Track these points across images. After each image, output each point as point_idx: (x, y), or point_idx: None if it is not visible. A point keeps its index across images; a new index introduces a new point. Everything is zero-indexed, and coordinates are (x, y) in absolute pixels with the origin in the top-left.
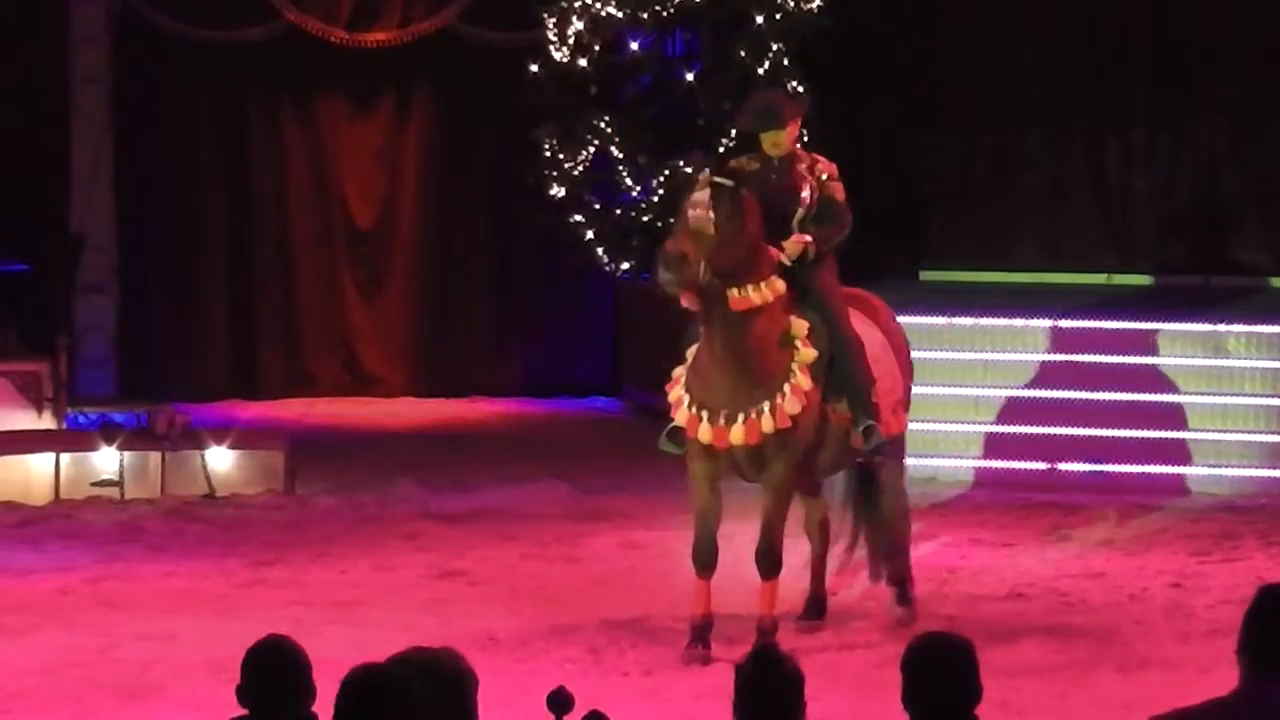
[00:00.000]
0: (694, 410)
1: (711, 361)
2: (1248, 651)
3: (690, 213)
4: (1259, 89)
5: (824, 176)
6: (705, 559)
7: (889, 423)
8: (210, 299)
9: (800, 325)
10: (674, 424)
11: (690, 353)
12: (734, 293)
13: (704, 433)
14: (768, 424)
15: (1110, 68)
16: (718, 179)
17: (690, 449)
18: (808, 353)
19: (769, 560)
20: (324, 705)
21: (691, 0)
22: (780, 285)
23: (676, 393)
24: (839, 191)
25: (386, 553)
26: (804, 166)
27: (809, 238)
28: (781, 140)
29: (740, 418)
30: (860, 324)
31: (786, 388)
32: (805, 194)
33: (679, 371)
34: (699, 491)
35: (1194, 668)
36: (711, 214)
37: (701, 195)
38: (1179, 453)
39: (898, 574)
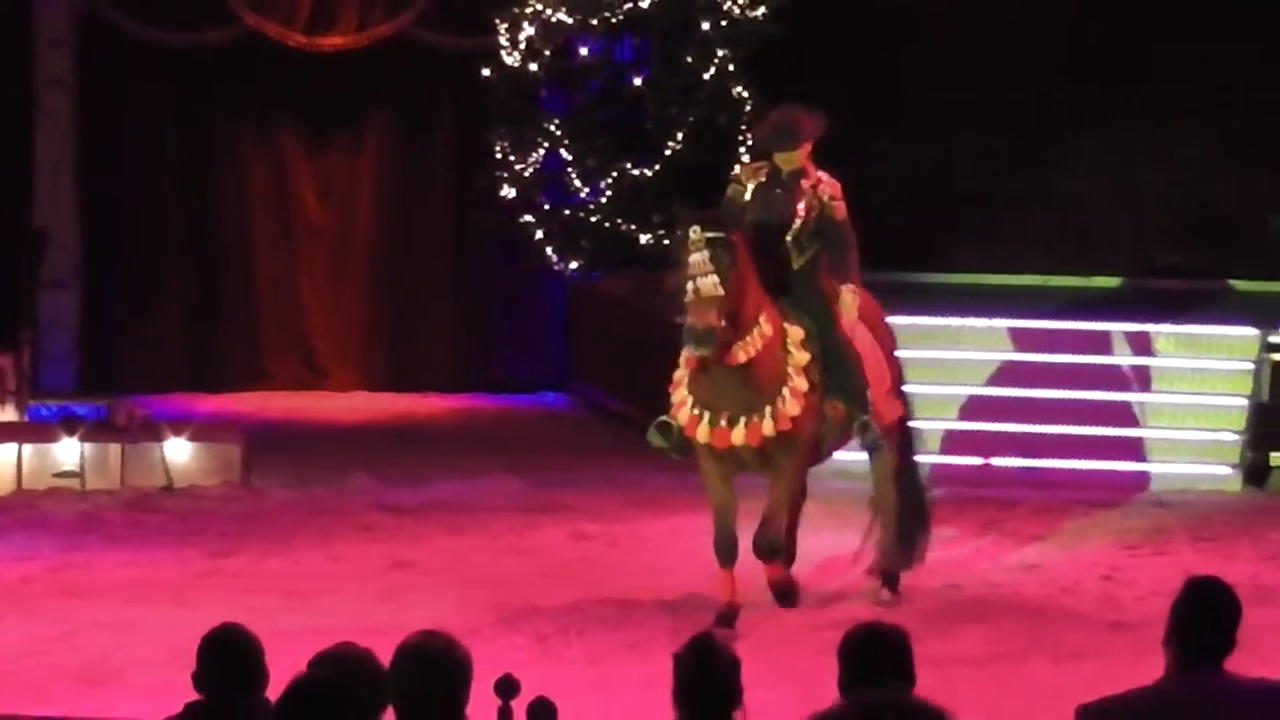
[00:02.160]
0: (695, 411)
1: (713, 369)
2: (1175, 642)
3: (698, 282)
4: (1191, 96)
5: (826, 196)
6: (726, 551)
7: (881, 414)
8: (170, 296)
9: (795, 332)
10: (662, 418)
11: (679, 374)
12: (733, 351)
13: (702, 433)
14: (769, 427)
15: (1048, 72)
16: (710, 234)
17: (699, 450)
18: (801, 356)
19: (766, 544)
20: (277, 692)
21: (640, 7)
22: (768, 329)
23: (680, 394)
24: (840, 211)
25: (341, 543)
26: (809, 183)
27: (852, 285)
28: (794, 158)
29: (741, 421)
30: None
31: (786, 391)
32: (800, 212)
33: (680, 374)
34: (714, 489)
35: (1124, 657)
36: (714, 274)
37: (699, 257)
38: (1113, 449)
39: (882, 566)
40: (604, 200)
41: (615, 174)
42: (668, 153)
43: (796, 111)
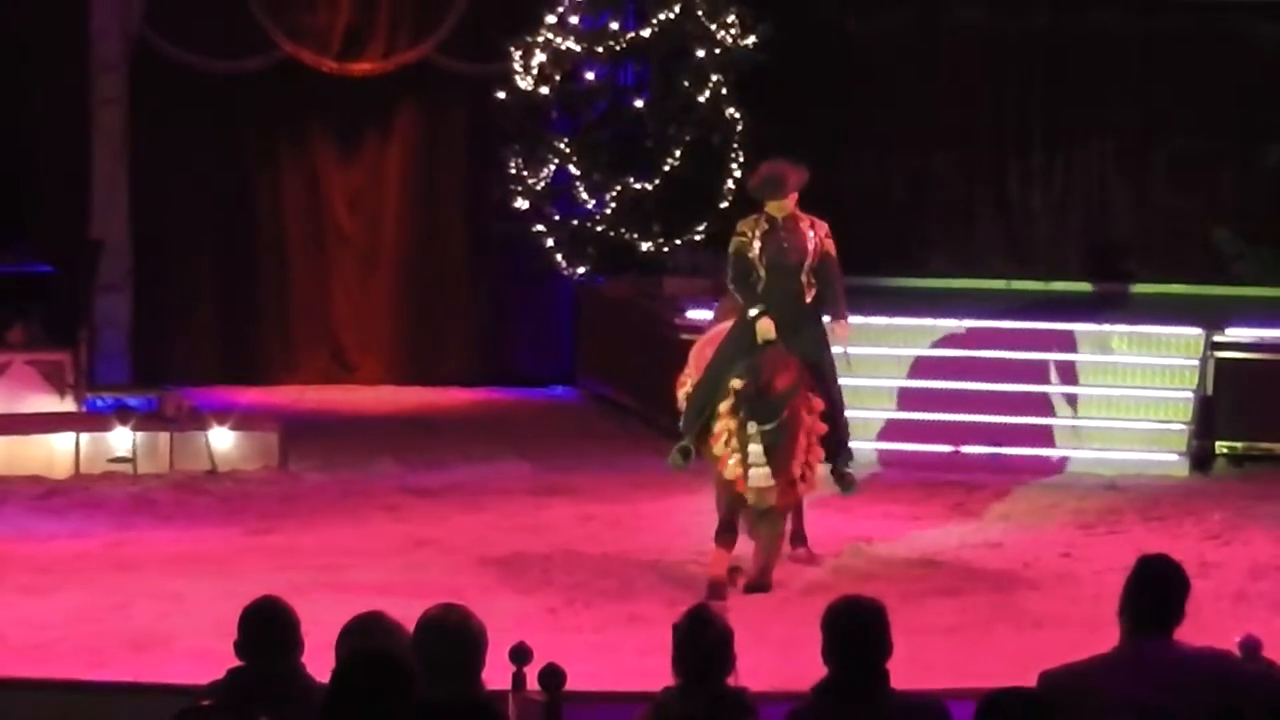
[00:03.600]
0: (742, 471)
1: None
2: (1128, 613)
3: (751, 473)
4: (1141, 118)
5: (823, 234)
6: (728, 538)
7: None
8: (213, 297)
9: (817, 403)
10: (682, 443)
11: (724, 407)
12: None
13: (749, 496)
14: (803, 490)
15: (1011, 99)
16: (765, 427)
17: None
18: (820, 427)
19: (756, 589)
20: (312, 658)
21: (640, 36)
22: (813, 438)
23: (723, 447)
24: (832, 248)
25: (369, 522)
26: (806, 225)
27: (846, 324)
28: (785, 205)
29: (773, 483)
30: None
31: (811, 459)
32: (811, 249)
33: (721, 427)
34: (731, 498)
35: (1081, 627)
36: (767, 467)
37: (757, 449)
38: (1069, 438)
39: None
40: (608, 211)
41: (618, 187)
42: (666, 168)
43: (783, 164)
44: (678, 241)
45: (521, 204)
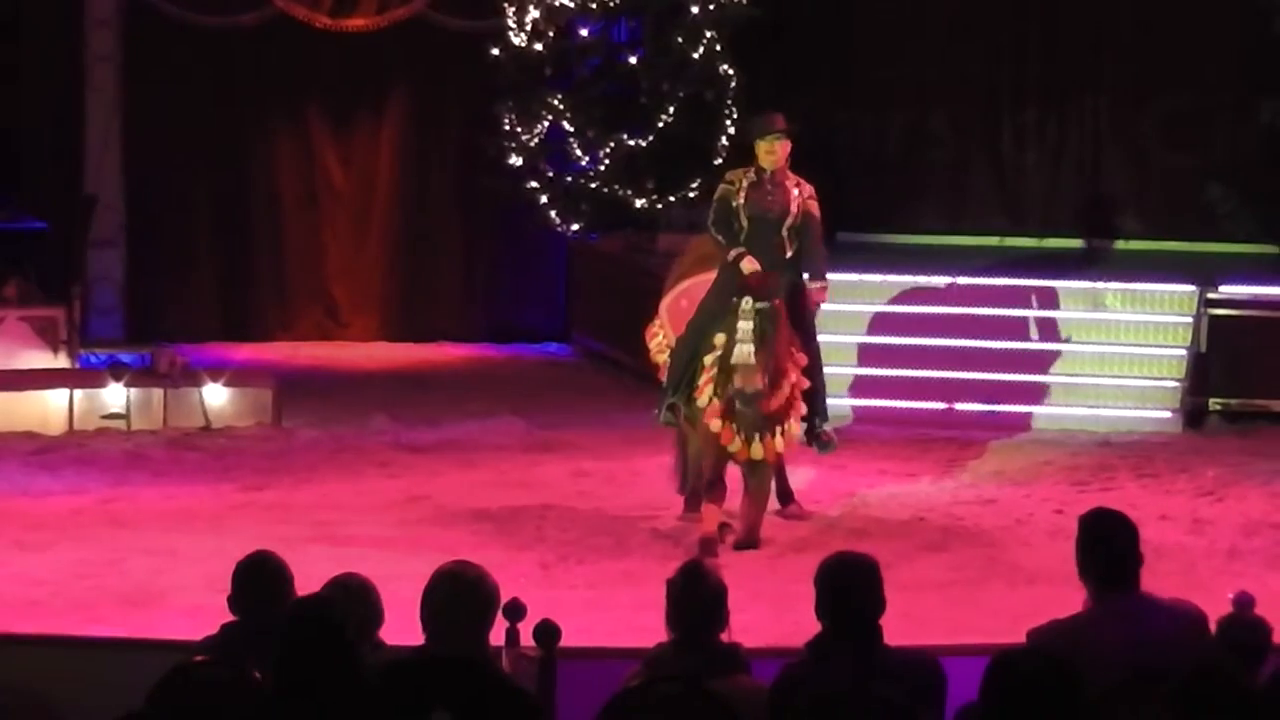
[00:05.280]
0: (727, 424)
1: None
2: (1089, 575)
3: (740, 348)
4: (1135, 75)
5: (806, 195)
6: (718, 492)
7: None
8: (207, 254)
9: (800, 359)
10: (669, 400)
11: (709, 360)
12: (768, 400)
13: (734, 446)
14: (781, 445)
15: (1005, 55)
16: (759, 305)
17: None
18: (804, 382)
19: (745, 546)
20: None
21: None
22: (794, 376)
23: (706, 397)
24: (815, 209)
25: (363, 479)
26: (792, 184)
27: (825, 284)
28: (776, 150)
29: (757, 437)
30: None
31: (792, 414)
32: (794, 207)
33: (706, 379)
34: (719, 453)
35: (1073, 583)
36: (751, 344)
37: (747, 325)
38: (1062, 394)
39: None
40: (602, 168)
41: (612, 144)
42: (660, 125)
43: (777, 114)
44: (671, 198)
45: (515, 160)
